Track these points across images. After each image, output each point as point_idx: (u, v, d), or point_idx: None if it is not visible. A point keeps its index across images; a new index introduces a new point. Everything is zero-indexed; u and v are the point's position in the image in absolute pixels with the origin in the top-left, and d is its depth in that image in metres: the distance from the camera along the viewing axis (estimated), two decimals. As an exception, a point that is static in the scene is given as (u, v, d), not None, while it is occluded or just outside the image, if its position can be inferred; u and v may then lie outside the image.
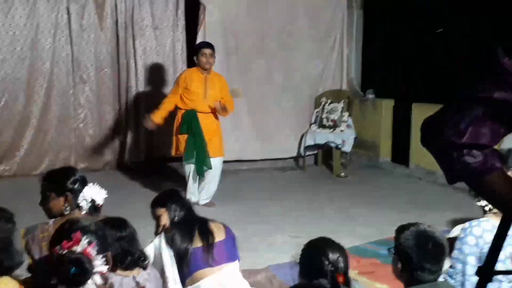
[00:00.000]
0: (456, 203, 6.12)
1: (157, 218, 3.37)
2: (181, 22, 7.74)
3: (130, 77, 7.65)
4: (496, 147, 1.30)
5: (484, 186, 1.29)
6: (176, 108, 6.02)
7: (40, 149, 7.46)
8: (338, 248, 2.44)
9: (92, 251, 1.83)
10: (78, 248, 1.81)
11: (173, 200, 3.35)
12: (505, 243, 1.39)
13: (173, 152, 6.18)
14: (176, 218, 3.29)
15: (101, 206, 3.02)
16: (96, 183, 3.10)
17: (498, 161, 1.27)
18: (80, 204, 2.95)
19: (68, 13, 7.37)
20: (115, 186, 6.92)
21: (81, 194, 2.95)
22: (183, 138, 5.94)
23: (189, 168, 6.01)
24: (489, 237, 2.83)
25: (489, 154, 1.25)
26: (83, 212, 2.98)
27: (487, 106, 1.24)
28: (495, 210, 2.97)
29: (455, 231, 3.63)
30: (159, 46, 7.73)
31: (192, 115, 5.87)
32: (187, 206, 3.36)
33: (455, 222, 5.19)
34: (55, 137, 7.52)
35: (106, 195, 3.06)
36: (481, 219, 2.97)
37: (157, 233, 3.33)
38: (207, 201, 6.14)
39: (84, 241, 1.83)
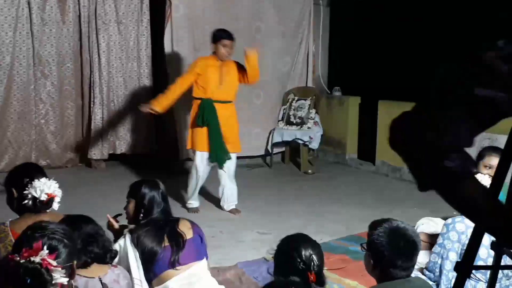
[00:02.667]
0: (422, 199, 6.17)
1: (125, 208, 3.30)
2: (146, 16, 7.60)
3: (93, 72, 7.47)
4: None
5: (459, 193, 1.19)
6: (192, 98, 5.65)
7: (-1, 145, 7.23)
8: (313, 245, 2.40)
9: (52, 261, 1.72)
10: (37, 259, 1.70)
11: (144, 190, 3.24)
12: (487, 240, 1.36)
13: (188, 146, 5.78)
14: (142, 215, 3.19)
15: (48, 201, 2.90)
16: (50, 179, 2.98)
17: (473, 166, 1.20)
18: (27, 199, 2.87)
19: (29, 6, 7.14)
20: (77, 184, 6.79)
21: (26, 190, 2.86)
22: (200, 131, 5.50)
23: (196, 171, 5.60)
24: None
25: (467, 157, 1.16)
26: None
27: (467, 104, 1.15)
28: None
29: (420, 225, 3.65)
30: (123, 41, 7.57)
31: (207, 104, 5.47)
32: (160, 202, 3.25)
33: (422, 217, 5.23)
34: (15, 134, 7.29)
35: (59, 190, 2.97)
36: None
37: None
38: (233, 206, 5.78)
39: (45, 251, 1.72)
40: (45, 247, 1.74)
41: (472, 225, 2.86)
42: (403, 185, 6.87)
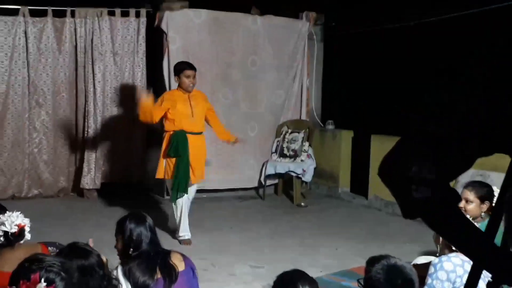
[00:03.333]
0: (415, 234, 6.17)
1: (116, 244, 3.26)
2: (142, 48, 7.67)
3: (88, 102, 7.50)
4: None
5: (441, 224, 1.25)
6: (163, 130, 5.76)
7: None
8: (310, 282, 2.38)
9: None
10: None
11: (131, 226, 3.22)
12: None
13: (158, 175, 5.78)
14: (132, 249, 3.16)
15: (20, 231, 2.87)
16: (15, 211, 2.95)
17: (452, 195, 1.25)
18: None
19: (26, 36, 7.21)
20: (69, 213, 6.76)
21: None
22: (171, 162, 5.61)
23: (182, 201, 5.64)
24: (460, 271, 2.84)
25: (441, 189, 1.23)
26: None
27: (427, 139, 1.23)
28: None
29: (418, 260, 3.64)
30: (119, 71, 7.63)
31: (180, 136, 5.60)
32: (148, 235, 3.23)
33: (414, 254, 5.23)
34: (8, 162, 7.28)
35: (27, 219, 2.94)
36: (450, 255, 2.98)
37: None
38: (187, 237, 5.78)
39: (43, 283, 1.72)
40: (42, 280, 1.73)
41: (459, 263, 2.88)
42: (396, 220, 6.87)
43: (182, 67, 5.74)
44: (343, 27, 8.37)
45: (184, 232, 5.72)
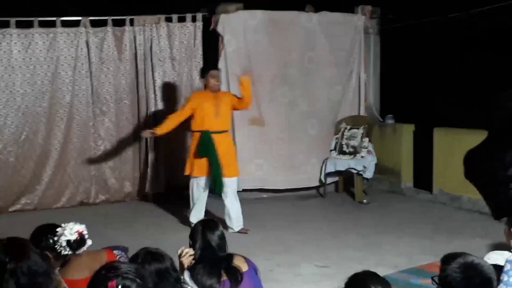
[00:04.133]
0: (483, 229, 6.00)
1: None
2: (199, 52, 7.76)
3: (149, 108, 7.68)
4: None
5: None
6: (192, 131, 6.17)
7: (60, 181, 7.46)
8: (382, 284, 2.35)
9: None
10: None
11: (199, 232, 3.29)
12: None
13: (186, 172, 6.19)
14: (199, 253, 3.22)
15: (81, 238, 2.91)
16: (70, 222, 3.00)
17: None
18: (62, 252, 2.87)
19: (88, 46, 7.44)
20: (136, 218, 6.93)
21: (56, 245, 2.88)
22: (199, 160, 6.00)
23: (199, 191, 6.07)
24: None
25: None
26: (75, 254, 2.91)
27: None
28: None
29: (489, 259, 3.52)
30: (177, 76, 7.75)
31: (207, 138, 5.96)
32: (217, 241, 3.29)
33: (484, 248, 5.08)
34: (75, 169, 7.53)
35: (83, 225, 2.96)
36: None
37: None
38: (241, 227, 6.16)
39: None
40: (119, 287, 1.79)
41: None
42: (463, 215, 6.69)
43: (207, 68, 6.25)
44: (399, 19, 8.21)
45: (194, 218, 5.93)
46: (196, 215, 6.03)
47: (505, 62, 6.37)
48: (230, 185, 6.08)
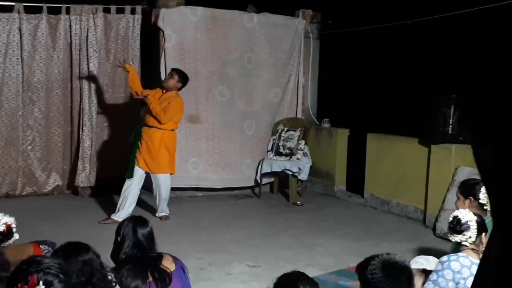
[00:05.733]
0: (411, 232, 6.20)
1: None
2: (136, 45, 7.60)
3: (83, 100, 7.44)
4: None
5: None
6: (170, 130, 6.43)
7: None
8: (311, 283, 2.36)
9: None
10: None
11: (126, 230, 3.19)
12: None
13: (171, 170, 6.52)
14: (127, 251, 3.13)
15: (8, 230, 2.83)
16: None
17: None
18: None
19: (20, 32, 7.14)
20: (63, 212, 6.70)
21: None
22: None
23: (128, 183, 6.29)
24: (467, 272, 2.83)
25: None
26: None
27: None
28: (472, 246, 2.99)
29: (417, 263, 3.62)
30: (111, 68, 7.55)
31: (138, 127, 6.42)
32: (140, 240, 3.19)
33: (411, 252, 5.23)
34: (2, 160, 7.21)
35: (11, 218, 2.89)
36: (459, 254, 2.97)
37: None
38: (162, 214, 6.47)
39: (41, 286, 1.69)
40: (40, 282, 1.70)
41: (467, 264, 2.86)
42: (392, 219, 6.87)
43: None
44: (339, 25, 8.36)
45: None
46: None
47: (436, 72, 6.59)
48: (161, 182, 6.30)
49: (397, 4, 7.11)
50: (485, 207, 3.73)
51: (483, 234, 3.04)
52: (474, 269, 2.71)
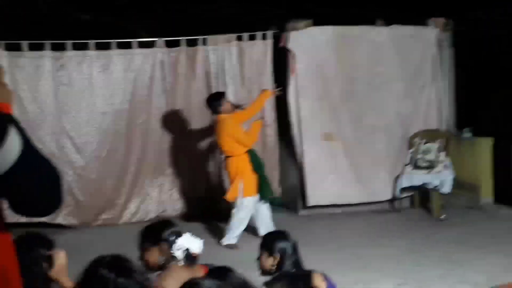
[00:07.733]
0: None
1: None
2: (269, 69, 7.80)
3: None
4: None
5: None
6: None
7: (138, 196, 7.69)
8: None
9: None
10: None
11: (279, 244, 3.28)
12: None
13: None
14: (276, 268, 3.22)
15: (196, 256, 2.94)
16: (191, 233, 3.04)
17: None
18: (175, 254, 2.90)
19: (162, 66, 7.65)
20: (211, 235, 6.99)
21: (175, 244, 2.90)
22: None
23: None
24: None
25: None
26: (179, 263, 2.93)
27: None
28: None
29: None
30: (247, 94, 7.78)
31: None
32: (293, 255, 3.28)
33: None
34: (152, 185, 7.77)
35: (202, 245, 2.99)
36: None
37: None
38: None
39: None
40: None
41: None
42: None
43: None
44: (473, 31, 7.99)
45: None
46: None
47: None
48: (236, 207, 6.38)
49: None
50: None
51: None
52: None
